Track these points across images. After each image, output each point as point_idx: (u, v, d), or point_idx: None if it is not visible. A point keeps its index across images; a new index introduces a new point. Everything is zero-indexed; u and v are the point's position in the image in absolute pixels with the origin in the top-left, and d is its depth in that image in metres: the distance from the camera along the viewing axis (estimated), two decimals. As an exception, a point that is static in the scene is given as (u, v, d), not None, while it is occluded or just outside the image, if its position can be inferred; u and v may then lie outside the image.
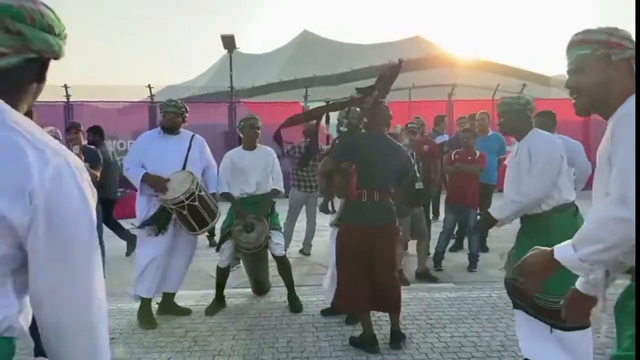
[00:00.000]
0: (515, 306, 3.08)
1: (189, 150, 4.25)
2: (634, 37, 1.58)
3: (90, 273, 1.04)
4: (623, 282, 1.58)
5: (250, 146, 4.64)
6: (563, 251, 1.52)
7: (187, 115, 4.34)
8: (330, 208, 4.03)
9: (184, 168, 4.17)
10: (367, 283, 3.57)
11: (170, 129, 4.25)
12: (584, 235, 1.48)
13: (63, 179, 0.98)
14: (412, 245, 6.07)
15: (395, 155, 3.72)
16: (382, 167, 3.59)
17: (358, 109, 3.91)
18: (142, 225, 4.08)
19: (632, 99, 1.52)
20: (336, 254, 3.75)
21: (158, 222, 4.05)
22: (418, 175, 5.27)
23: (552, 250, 1.56)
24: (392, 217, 3.68)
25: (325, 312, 4.31)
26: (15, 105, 1.05)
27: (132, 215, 4.54)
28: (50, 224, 0.97)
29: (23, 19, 1.02)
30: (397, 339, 3.63)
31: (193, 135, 4.37)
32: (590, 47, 1.60)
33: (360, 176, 3.55)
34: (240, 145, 4.78)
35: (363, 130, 3.81)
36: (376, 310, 3.82)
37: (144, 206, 4.10)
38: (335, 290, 3.80)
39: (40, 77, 1.11)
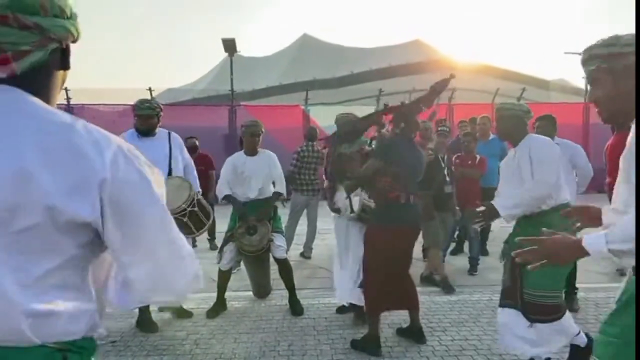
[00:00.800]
0: (502, 305, 3.21)
1: (170, 151, 4.13)
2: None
3: (172, 245, 1.09)
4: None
5: (252, 151, 4.65)
6: (593, 242, 1.56)
7: (162, 114, 4.18)
8: (349, 207, 4.09)
9: (169, 170, 4.07)
10: (395, 283, 3.68)
11: (148, 131, 4.09)
12: (620, 232, 1.52)
13: (120, 166, 0.99)
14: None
15: (421, 160, 3.88)
16: (415, 171, 3.76)
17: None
18: None
19: None
20: (369, 255, 3.70)
21: None
22: (448, 179, 5.26)
23: (579, 239, 1.59)
24: (420, 218, 3.89)
25: (340, 310, 4.40)
26: (49, 98, 1.06)
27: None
28: (120, 212, 0.98)
29: (36, 11, 0.99)
30: (422, 333, 3.79)
31: (169, 134, 4.23)
32: (595, 62, 1.65)
33: (400, 179, 3.64)
34: (242, 148, 4.77)
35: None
36: (399, 309, 3.91)
37: None
38: (365, 293, 3.77)
39: (64, 64, 1.10)
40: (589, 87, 1.73)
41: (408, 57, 26.63)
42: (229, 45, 13.40)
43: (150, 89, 12.86)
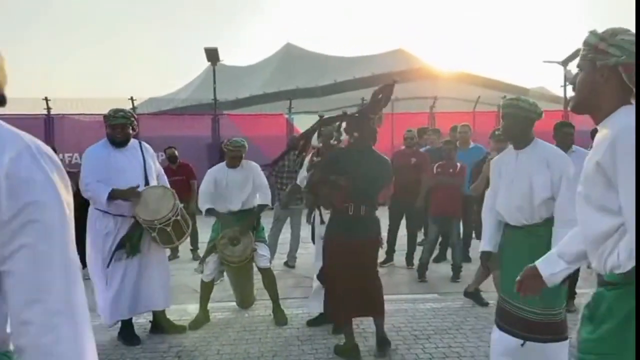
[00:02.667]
0: (497, 324, 2.99)
1: (144, 160, 4.06)
2: (631, 44, 1.55)
3: (64, 261, 0.95)
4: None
5: (234, 165, 4.61)
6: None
7: (136, 123, 4.11)
8: (318, 219, 4.07)
9: (146, 180, 4.00)
10: (353, 291, 3.62)
11: (124, 141, 3.97)
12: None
13: (23, 164, 0.92)
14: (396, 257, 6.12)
15: (380, 169, 3.76)
16: (368, 181, 3.63)
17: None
18: (117, 249, 3.83)
19: (627, 111, 1.53)
20: (326, 265, 3.78)
21: (131, 243, 3.84)
22: None
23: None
24: (377, 232, 3.79)
25: (311, 323, 4.35)
26: None
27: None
28: (16, 211, 0.90)
29: None
30: (384, 345, 3.70)
31: (141, 143, 4.14)
32: (585, 49, 1.64)
33: (347, 190, 3.56)
34: (221, 159, 4.74)
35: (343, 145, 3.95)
36: (363, 316, 3.88)
37: (112, 228, 3.86)
38: (324, 301, 3.84)
39: None
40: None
41: (390, 66, 26.82)
42: (212, 55, 13.38)
43: (132, 99, 12.77)
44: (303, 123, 13.21)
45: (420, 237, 6.81)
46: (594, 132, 5.51)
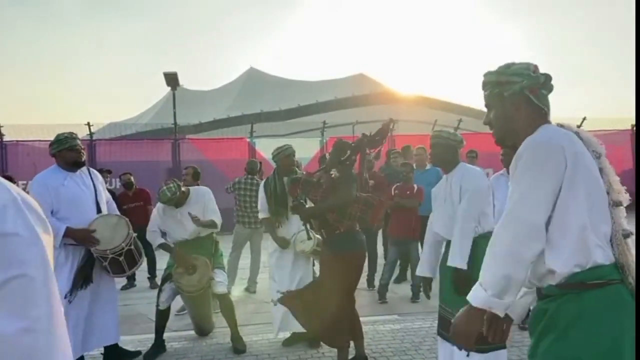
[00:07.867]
0: (438, 333, 3.31)
1: (95, 187, 3.97)
2: (526, 69, 1.70)
3: (50, 307, 0.93)
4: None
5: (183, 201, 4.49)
6: (476, 296, 1.58)
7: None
8: (307, 234, 4.08)
9: (98, 207, 3.90)
10: (348, 313, 3.81)
11: (82, 164, 3.93)
12: (488, 275, 1.56)
13: (8, 218, 0.89)
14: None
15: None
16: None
17: None
18: (75, 283, 3.69)
19: (540, 129, 1.65)
20: (339, 285, 3.69)
21: (83, 274, 3.74)
22: None
23: (469, 304, 1.60)
24: None
25: (287, 342, 4.42)
26: None
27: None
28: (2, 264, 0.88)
29: None
30: None
31: (89, 170, 4.07)
32: (488, 89, 1.78)
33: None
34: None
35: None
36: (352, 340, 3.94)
37: (64, 259, 3.71)
38: (332, 325, 3.74)
39: None
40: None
41: (352, 90, 27.29)
42: (171, 79, 13.32)
43: (89, 124, 12.50)
44: (265, 146, 13.26)
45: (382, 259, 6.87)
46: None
